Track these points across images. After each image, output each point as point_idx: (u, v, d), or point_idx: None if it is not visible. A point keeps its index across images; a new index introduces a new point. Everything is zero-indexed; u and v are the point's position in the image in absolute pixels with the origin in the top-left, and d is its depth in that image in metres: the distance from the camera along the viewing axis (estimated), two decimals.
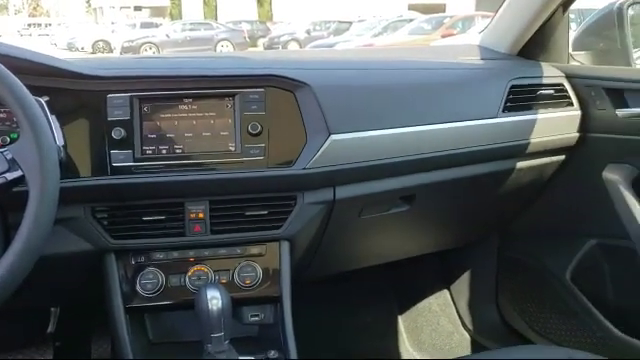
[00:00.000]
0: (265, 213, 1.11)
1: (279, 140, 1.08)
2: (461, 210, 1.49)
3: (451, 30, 13.06)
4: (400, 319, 1.89)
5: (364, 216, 1.25)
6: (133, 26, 22.96)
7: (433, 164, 1.24)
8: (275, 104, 1.08)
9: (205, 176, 1.06)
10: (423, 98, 1.24)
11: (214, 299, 0.94)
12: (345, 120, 1.12)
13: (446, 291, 1.92)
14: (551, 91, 1.39)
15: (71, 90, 1.01)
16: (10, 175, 0.81)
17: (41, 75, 0.98)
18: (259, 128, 1.06)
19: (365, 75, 1.25)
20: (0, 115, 1.00)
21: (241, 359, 1.02)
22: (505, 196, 1.47)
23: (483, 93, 1.31)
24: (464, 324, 1.86)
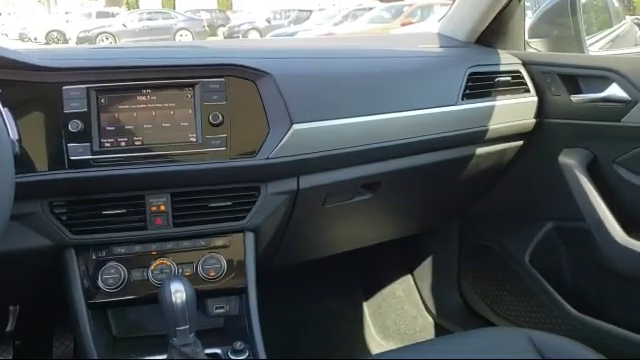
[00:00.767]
0: (228, 204, 1.10)
1: (241, 130, 1.07)
2: (423, 197, 1.51)
3: (410, 19, 13.14)
4: (365, 305, 1.91)
5: (328, 205, 1.26)
6: (88, 16, 22.31)
7: (395, 152, 1.25)
8: (236, 94, 1.07)
9: (166, 168, 1.04)
10: (384, 86, 1.24)
11: (178, 292, 0.93)
12: (307, 109, 1.12)
13: (410, 277, 1.95)
14: (508, 78, 1.41)
15: (25, 82, 0.98)
16: None
17: None
18: (220, 118, 1.05)
19: (326, 64, 1.25)
20: None
21: (207, 352, 1.02)
22: (466, 182, 1.50)
23: (443, 81, 1.33)
24: (427, 308, 1.90)
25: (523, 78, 1.44)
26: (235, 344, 1.06)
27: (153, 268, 1.08)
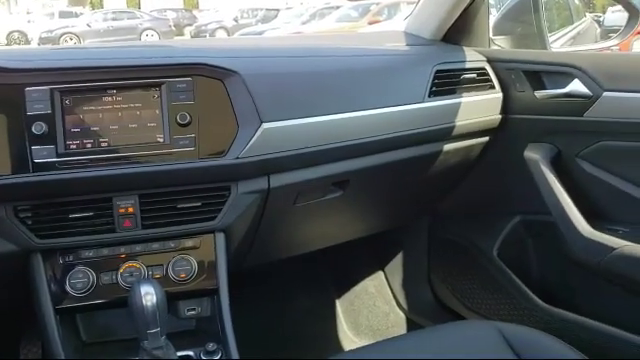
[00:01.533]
0: (198, 205, 1.10)
1: (210, 130, 1.06)
2: (393, 193, 1.52)
3: (377, 17, 13.20)
4: (338, 303, 1.92)
5: (299, 203, 1.26)
6: (51, 15, 21.83)
7: (364, 149, 1.26)
8: (204, 93, 1.07)
9: (133, 169, 1.03)
10: (352, 85, 1.25)
11: (148, 295, 0.92)
12: (276, 108, 1.12)
13: (381, 273, 1.97)
14: (474, 75, 1.43)
15: None
16: None
17: None
18: (188, 118, 1.04)
19: (295, 62, 1.25)
20: None
21: (179, 354, 1.01)
22: (434, 178, 1.52)
23: (410, 79, 1.34)
24: (399, 304, 1.92)
25: (488, 75, 1.46)
26: (207, 345, 1.05)
27: (122, 271, 1.07)
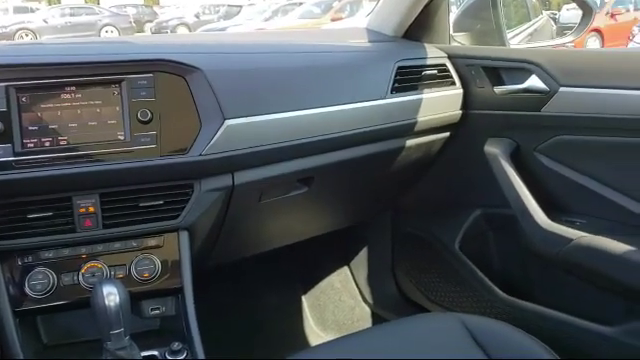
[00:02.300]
0: (160, 203, 1.08)
1: (172, 127, 1.05)
2: (356, 188, 1.53)
3: (340, 14, 13.23)
4: (304, 298, 1.93)
5: (264, 200, 1.26)
6: (5, 11, 21.14)
7: (328, 146, 1.26)
8: (166, 90, 1.05)
9: (93, 168, 1.01)
10: (316, 81, 1.25)
11: (111, 295, 0.91)
12: (240, 105, 1.11)
13: (347, 268, 1.98)
14: (435, 71, 1.46)
15: None
16: None
17: None
18: (149, 115, 1.03)
19: (258, 59, 1.25)
20: None
21: (144, 354, 1.00)
22: (396, 173, 1.54)
23: (372, 75, 1.35)
24: (364, 298, 1.93)
25: (449, 71, 1.48)
26: (172, 345, 1.04)
27: (84, 272, 1.05)
